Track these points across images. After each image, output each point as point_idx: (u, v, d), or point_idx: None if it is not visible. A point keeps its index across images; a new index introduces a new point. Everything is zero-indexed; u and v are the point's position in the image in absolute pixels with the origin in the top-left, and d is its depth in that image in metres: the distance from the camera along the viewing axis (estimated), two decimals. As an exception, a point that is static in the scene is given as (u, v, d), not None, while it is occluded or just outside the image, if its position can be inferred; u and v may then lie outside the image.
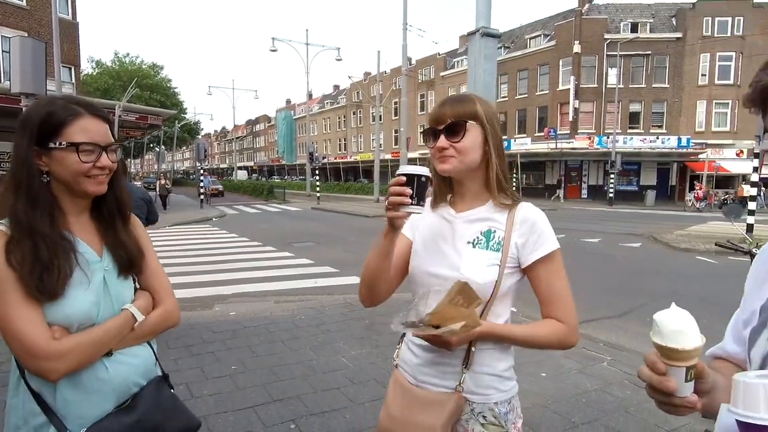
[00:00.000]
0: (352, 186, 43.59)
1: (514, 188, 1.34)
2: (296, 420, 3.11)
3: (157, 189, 20.08)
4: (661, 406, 0.74)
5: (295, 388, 3.58)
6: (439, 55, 44.03)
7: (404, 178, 1.14)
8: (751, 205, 11.08)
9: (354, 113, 56.55)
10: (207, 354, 4.28)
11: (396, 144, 45.42)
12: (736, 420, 0.56)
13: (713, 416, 0.75)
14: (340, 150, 60.32)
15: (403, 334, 1.42)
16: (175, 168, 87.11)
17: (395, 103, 45.43)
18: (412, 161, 34.37)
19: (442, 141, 1.24)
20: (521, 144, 34.43)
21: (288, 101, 77.28)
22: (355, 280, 7.58)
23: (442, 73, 42.90)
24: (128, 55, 44.84)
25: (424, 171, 1.16)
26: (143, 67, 44.09)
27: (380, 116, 32.58)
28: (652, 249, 11.75)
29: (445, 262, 1.28)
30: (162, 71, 45.65)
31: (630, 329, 5.37)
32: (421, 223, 1.39)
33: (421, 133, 1.37)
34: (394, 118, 46.90)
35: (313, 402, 3.37)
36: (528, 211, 1.27)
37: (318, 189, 26.97)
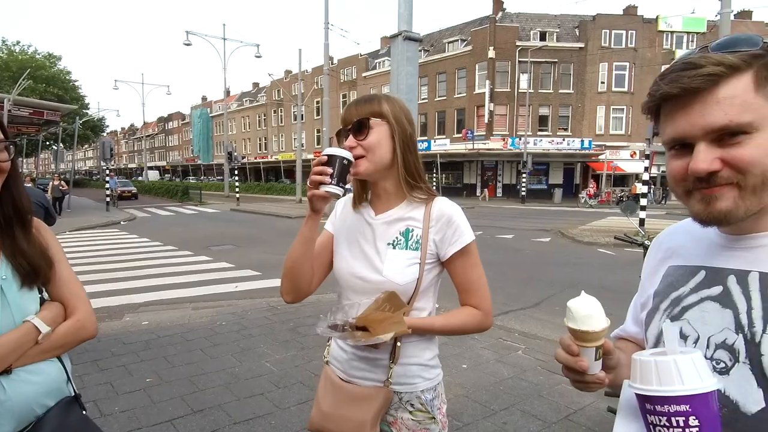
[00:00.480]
0: (273, 186, 42.58)
1: (434, 186, 1.39)
2: (218, 430, 2.99)
3: (50, 191, 17.77)
4: (576, 384, 0.80)
5: (216, 398, 3.44)
6: (361, 55, 44.27)
7: (326, 158, 1.17)
8: (643, 202, 12.24)
9: (275, 112, 55.28)
10: (117, 368, 3.99)
11: (318, 144, 45.08)
12: (635, 393, 0.63)
13: (616, 392, 0.83)
14: (260, 149, 58.71)
15: None
16: (77, 168, 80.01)
17: (317, 102, 45.04)
18: (335, 161, 34.30)
19: (350, 140, 1.27)
20: (440, 145, 35.60)
21: (204, 98, 73.87)
22: (278, 282, 7.40)
23: (364, 74, 43.15)
24: (18, 43, 40.41)
25: (347, 154, 1.19)
26: (37, 57, 39.95)
27: (302, 115, 32.07)
28: (560, 243, 12.64)
29: (368, 265, 1.31)
30: (59, 62, 41.64)
31: (542, 318, 5.74)
32: (344, 223, 1.41)
33: (335, 135, 1.39)
34: (316, 117, 46.50)
35: (236, 410, 3.25)
36: (444, 205, 1.31)
37: (237, 190, 25.98)
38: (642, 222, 11.57)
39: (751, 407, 0.65)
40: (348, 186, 1.25)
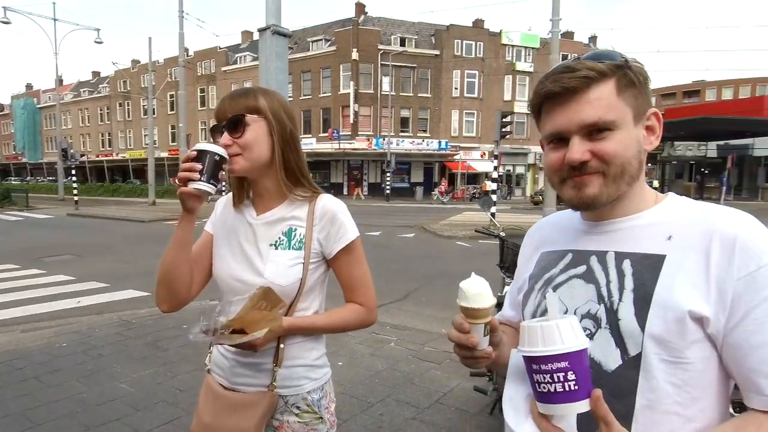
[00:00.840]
0: (121, 188, 38.35)
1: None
2: (63, 468, 2.59)
3: None
4: (465, 361, 0.85)
5: (59, 431, 2.98)
6: (221, 48, 41.97)
7: (195, 153, 1.12)
8: (493, 197, 13.55)
9: (120, 105, 49.79)
10: None
11: (174, 141, 41.67)
12: (523, 356, 0.69)
13: (480, 373, 0.90)
14: (103, 146, 52.45)
15: None
16: None
17: (171, 96, 41.63)
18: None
19: (225, 138, 1.21)
20: (307, 144, 35.37)
21: (29, 86, 63.61)
22: (132, 293, 6.70)
23: (224, 68, 41.02)
24: None
25: (219, 150, 1.13)
26: None
27: (153, 110, 29.30)
28: (423, 238, 13.43)
29: (249, 267, 1.26)
30: None
31: (410, 310, 6.03)
32: (225, 224, 1.34)
33: (210, 130, 1.29)
34: (170, 112, 42.97)
35: (85, 441, 2.85)
36: (328, 202, 1.29)
37: (76, 192, 22.81)
38: (493, 215, 12.82)
39: (611, 365, 0.76)
40: (223, 185, 1.17)
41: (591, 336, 0.78)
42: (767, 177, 30.10)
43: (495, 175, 14.38)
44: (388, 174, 30.84)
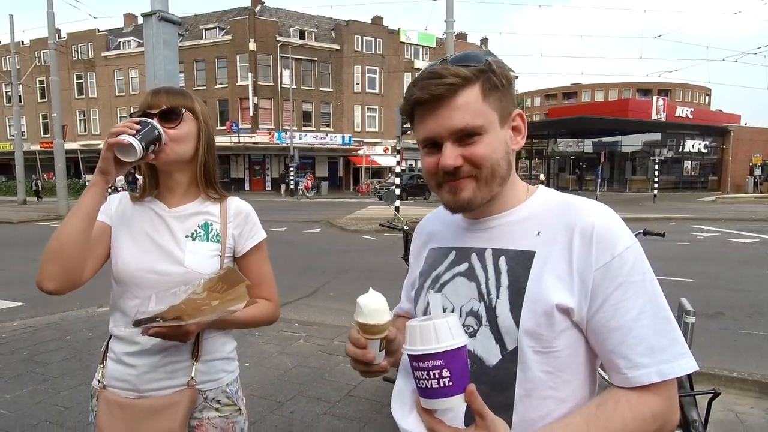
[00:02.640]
0: (-19, 185, 33.51)
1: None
2: None
3: None
4: (363, 374, 0.88)
5: None
6: (100, 31, 38.16)
7: (138, 119, 1.14)
8: (396, 192, 13.88)
9: (-23, 90, 43.31)
10: None
11: (46, 132, 37.27)
12: (407, 354, 0.72)
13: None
14: (-44, 138, 45.31)
15: (105, 353, 1.29)
16: None
17: (42, 82, 37.08)
18: (72, 153, 28.85)
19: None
20: (204, 137, 33.52)
21: None
22: (1, 304, 5.91)
23: (104, 53, 37.41)
24: None
25: (160, 128, 1.15)
26: None
27: (20, 97, 25.93)
28: (330, 233, 13.41)
29: (165, 257, 1.24)
30: None
31: (318, 305, 6.00)
32: (124, 216, 1.29)
33: (129, 117, 1.20)
34: (41, 100, 38.33)
35: (-54, 478, 2.48)
36: (240, 204, 1.36)
37: None
38: (397, 209, 13.14)
39: (492, 360, 0.81)
40: (119, 186, 1.11)
41: (474, 333, 0.83)
42: (633, 170, 34.20)
43: (398, 169, 14.75)
44: (291, 168, 30.27)
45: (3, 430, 2.94)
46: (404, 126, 13.61)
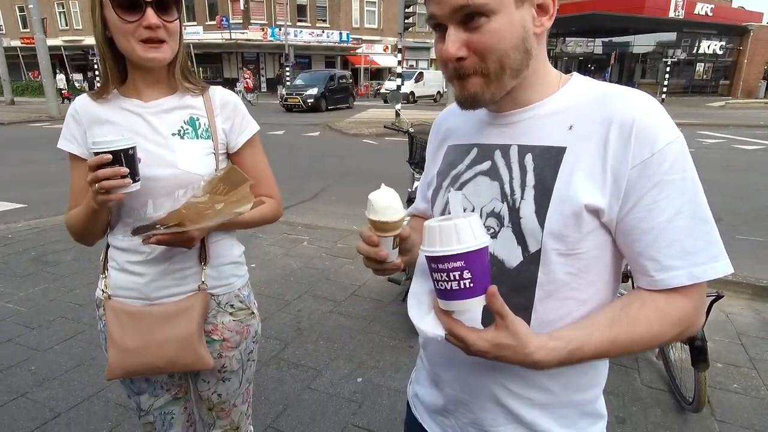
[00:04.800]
0: (-35, 84, 32.17)
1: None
2: (-49, 396, 2.38)
3: None
4: (376, 272, 0.86)
5: (-62, 359, 2.69)
6: None
7: (110, 156, 0.97)
8: (401, 92, 13.41)
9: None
10: None
11: (25, 26, 35.04)
12: (425, 256, 0.68)
13: (412, 268, 0.90)
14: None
15: (105, 263, 1.24)
16: None
17: (13, -32, 34.15)
18: (55, 49, 27.35)
19: (153, 17, 1.03)
20: (193, 33, 31.54)
21: None
22: (3, 206, 5.91)
23: (78, -65, 34.00)
24: None
25: (129, 142, 1.00)
26: None
27: (-8, -15, 23.99)
28: (329, 136, 13.15)
29: (156, 160, 1.13)
30: None
31: (320, 209, 6.02)
32: (98, 123, 1.15)
33: (96, 5, 1.05)
34: (15, -11, 35.52)
35: (-27, 367, 2.61)
36: (225, 93, 1.25)
37: None
38: (397, 113, 12.79)
39: (512, 262, 0.77)
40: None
41: (495, 235, 0.78)
42: (643, 73, 32.88)
43: (399, 69, 14.11)
44: (287, 68, 28.97)
45: (21, 324, 3.06)
46: (406, 21, 12.77)
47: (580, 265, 0.74)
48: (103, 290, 1.22)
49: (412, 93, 25.63)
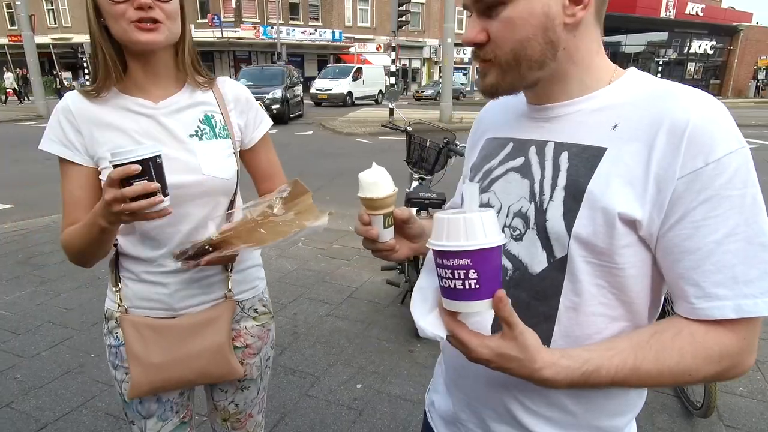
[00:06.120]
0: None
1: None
2: (-68, 407, 2.27)
3: None
4: (373, 253, 0.84)
5: None
6: None
7: (139, 167, 0.83)
8: (396, 90, 13.34)
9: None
10: None
11: (13, 24, 34.55)
12: (431, 249, 0.63)
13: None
14: None
15: (117, 274, 1.13)
16: None
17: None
18: (44, 47, 27.00)
19: None
20: (184, 31, 31.34)
21: None
22: (-12, 206, 5.77)
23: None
24: None
25: (155, 148, 0.86)
26: None
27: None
28: (322, 135, 13.04)
29: (179, 167, 1.03)
30: None
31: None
32: (100, 126, 1.04)
33: None
34: (2, -14, 35.01)
35: (-44, 376, 2.51)
36: (235, 86, 1.17)
37: None
38: (392, 112, 12.70)
39: (536, 268, 0.70)
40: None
41: (520, 237, 0.72)
42: (633, 74, 33.06)
43: (393, 68, 14.05)
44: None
45: (7, 330, 2.95)
46: (400, 20, 12.70)
47: (614, 281, 0.67)
48: (118, 303, 1.12)
49: (350, 93, 22.60)
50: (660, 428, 2.18)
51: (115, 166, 0.83)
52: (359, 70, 23.77)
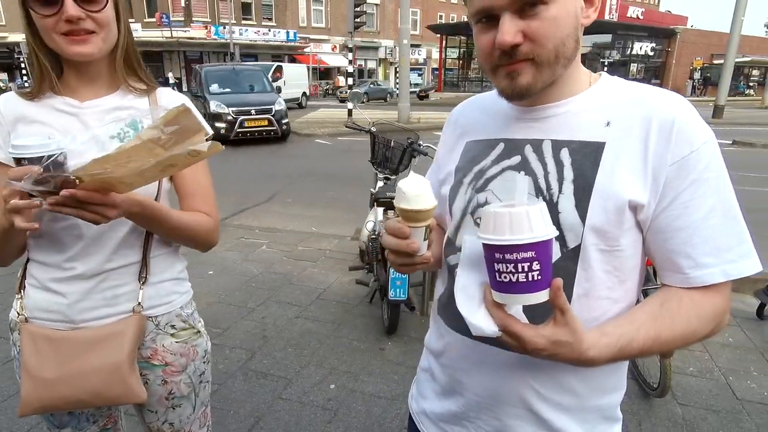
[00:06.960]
0: None
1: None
2: None
3: None
4: (402, 267, 0.79)
5: None
6: None
7: (39, 168, 0.81)
8: (359, 91, 13.33)
9: None
10: None
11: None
12: (485, 244, 0.64)
13: (427, 268, 0.86)
14: None
15: (22, 281, 1.09)
16: None
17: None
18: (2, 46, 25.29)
19: (73, 8, 0.92)
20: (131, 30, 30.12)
21: None
22: None
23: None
24: None
25: (55, 145, 0.86)
26: None
27: None
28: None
29: None
30: None
31: (277, 211, 5.87)
32: (25, 122, 1.03)
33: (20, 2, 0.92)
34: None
35: None
36: (173, 95, 1.14)
37: None
38: (350, 113, 12.70)
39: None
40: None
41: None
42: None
43: (350, 69, 14.05)
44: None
45: (-47, 349, 2.77)
46: (356, 21, 12.71)
47: (617, 263, 0.74)
48: (18, 312, 1.07)
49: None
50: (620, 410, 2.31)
51: (15, 159, 0.85)
52: (279, 69, 21.37)
